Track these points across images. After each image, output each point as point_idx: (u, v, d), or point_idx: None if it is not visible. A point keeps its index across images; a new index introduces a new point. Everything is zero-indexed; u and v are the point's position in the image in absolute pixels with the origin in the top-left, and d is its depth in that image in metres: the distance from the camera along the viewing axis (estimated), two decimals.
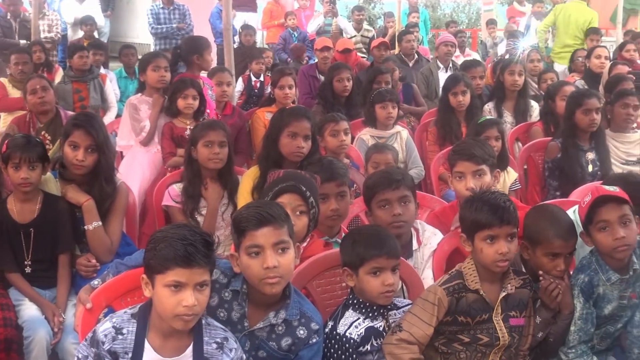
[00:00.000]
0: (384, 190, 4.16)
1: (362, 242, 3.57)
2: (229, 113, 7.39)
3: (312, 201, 3.88)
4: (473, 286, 3.58)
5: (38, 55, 10.04)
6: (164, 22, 12.63)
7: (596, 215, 3.70)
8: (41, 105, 6.39)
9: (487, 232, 3.55)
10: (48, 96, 6.44)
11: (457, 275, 3.64)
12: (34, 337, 4.16)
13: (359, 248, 3.55)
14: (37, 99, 6.40)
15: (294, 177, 3.99)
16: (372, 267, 3.50)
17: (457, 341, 3.62)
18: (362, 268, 3.52)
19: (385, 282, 3.49)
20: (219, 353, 3.10)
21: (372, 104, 6.99)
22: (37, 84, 6.45)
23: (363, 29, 14.37)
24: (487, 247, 3.54)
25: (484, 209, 3.57)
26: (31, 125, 6.39)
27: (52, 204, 4.51)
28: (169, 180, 5.38)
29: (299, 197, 3.84)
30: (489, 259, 3.54)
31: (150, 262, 2.99)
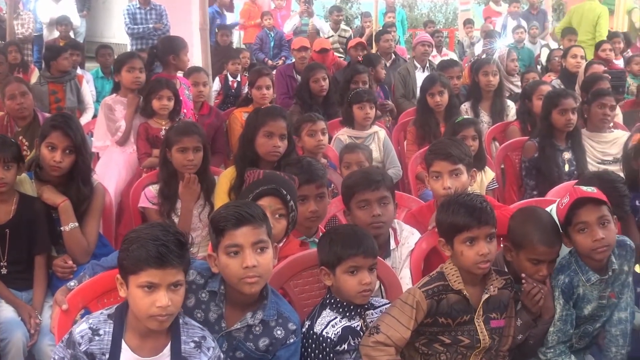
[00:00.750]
0: (363, 190, 4.16)
1: (339, 241, 3.57)
2: (205, 113, 7.39)
3: (292, 205, 3.87)
4: (456, 286, 3.57)
5: (13, 55, 10.02)
6: (140, 22, 12.58)
7: (575, 217, 3.71)
8: (19, 112, 6.33)
9: (466, 234, 3.53)
10: (27, 102, 6.37)
11: (439, 277, 3.63)
12: (11, 339, 4.14)
13: (335, 247, 3.55)
14: (16, 105, 6.33)
15: (274, 179, 3.98)
16: (349, 266, 3.51)
17: (438, 342, 3.62)
18: (339, 267, 3.52)
19: (362, 281, 3.49)
20: (197, 352, 3.10)
21: (349, 104, 6.99)
22: (16, 90, 6.36)
23: (340, 29, 14.39)
24: (467, 250, 3.53)
25: (461, 212, 3.56)
26: (9, 129, 6.32)
27: (28, 204, 4.49)
28: (145, 181, 5.36)
29: (279, 201, 3.83)
30: (470, 261, 3.53)
31: (124, 263, 2.99)
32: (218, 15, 14.91)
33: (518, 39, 13.84)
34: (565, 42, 11.77)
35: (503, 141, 7.01)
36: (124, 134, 6.38)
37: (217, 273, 3.32)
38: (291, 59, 12.73)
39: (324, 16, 16.02)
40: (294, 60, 10.49)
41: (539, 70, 11.32)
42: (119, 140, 6.39)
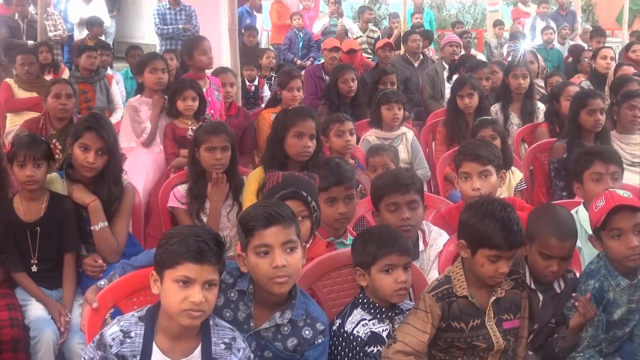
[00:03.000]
0: (393, 193, 4.15)
1: (373, 240, 3.57)
2: (233, 113, 7.41)
3: (314, 205, 3.87)
4: (460, 292, 3.54)
5: (44, 55, 10.06)
6: (170, 23, 12.64)
7: (610, 223, 3.67)
8: (61, 112, 6.34)
9: (494, 252, 3.46)
10: (70, 104, 6.39)
11: (446, 281, 3.60)
12: (41, 337, 4.16)
13: (370, 247, 3.55)
14: (59, 105, 6.34)
15: (293, 182, 3.98)
16: (385, 265, 3.50)
17: (454, 347, 3.59)
18: (374, 266, 3.52)
19: (397, 279, 3.49)
20: (227, 353, 3.11)
21: (377, 105, 6.99)
22: (63, 90, 6.37)
23: (368, 30, 14.39)
24: (489, 265, 3.48)
25: (496, 230, 3.46)
26: (44, 131, 6.33)
27: (58, 203, 4.52)
28: (174, 181, 5.38)
29: (301, 203, 3.83)
30: (487, 274, 3.51)
31: (162, 257, 3.00)
32: (248, 15, 14.95)
33: (547, 40, 13.77)
34: (594, 44, 11.70)
35: (532, 143, 6.98)
36: (149, 136, 6.41)
37: (246, 272, 3.33)
38: (319, 59, 12.75)
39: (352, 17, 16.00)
40: (323, 61, 10.50)
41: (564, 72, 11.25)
42: (145, 142, 6.41)
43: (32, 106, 8.15)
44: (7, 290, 4.44)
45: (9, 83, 8.62)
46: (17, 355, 4.13)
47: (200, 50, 7.06)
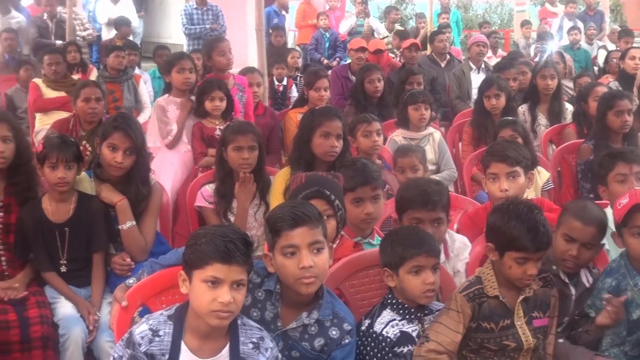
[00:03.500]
0: (419, 209, 4.06)
1: (401, 241, 3.57)
2: (260, 113, 7.44)
3: (338, 204, 3.87)
4: (492, 292, 3.53)
5: (73, 55, 10.12)
6: (197, 23, 12.68)
7: (631, 220, 3.68)
8: (90, 116, 6.31)
9: (521, 254, 3.45)
10: (99, 107, 6.37)
11: (476, 282, 3.59)
12: (69, 335, 4.19)
13: (398, 248, 3.55)
14: (89, 109, 6.30)
15: (317, 181, 3.99)
16: (413, 266, 3.50)
17: (485, 348, 3.58)
18: (402, 267, 3.51)
19: (426, 280, 3.48)
20: (255, 353, 3.11)
21: (404, 105, 6.97)
22: (92, 94, 6.33)
23: (395, 30, 14.36)
24: (517, 267, 3.46)
25: (523, 232, 3.45)
26: (74, 133, 6.35)
27: (87, 203, 4.55)
28: (201, 180, 5.40)
29: (324, 202, 3.82)
30: (516, 276, 3.49)
31: (190, 257, 3.02)
32: (276, 14, 14.97)
33: (573, 41, 13.68)
34: (622, 44, 11.62)
35: (560, 143, 6.94)
36: (174, 138, 6.41)
37: (273, 272, 3.33)
38: (346, 59, 12.75)
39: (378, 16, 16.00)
40: (350, 61, 10.50)
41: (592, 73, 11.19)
42: (169, 144, 6.40)
43: (61, 106, 8.21)
44: (36, 288, 4.48)
45: (37, 83, 8.66)
46: (46, 352, 4.16)
47: (218, 51, 7.07)
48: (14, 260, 4.52)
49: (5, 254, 4.52)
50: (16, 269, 4.52)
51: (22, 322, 4.19)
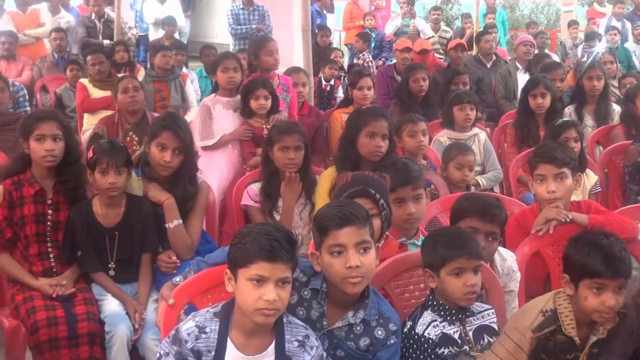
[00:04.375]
0: (477, 218, 4.01)
1: (443, 242, 3.54)
2: (306, 113, 7.44)
3: (383, 203, 3.85)
4: (569, 332, 3.40)
5: (121, 55, 10.25)
6: (243, 23, 12.73)
7: None
8: (131, 105, 6.46)
9: (596, 280, 3.32)
10: (139, 96, 6.52)
11: (552, 319, 3.43)
12: (115, 332, 4.23)
13: (440, 249, 3.52)
14: (128, 98, 6.48)
15: (362, 180, 3.98)
16: (454, 268, 3.47)
17: None
18: (444, 269, 3.49)
19: (467, 282, 3.45)
20: (301, 351, 3.13)
21: (450, 105, 6.95)
22: (129, 84, 6.53)
23: (440, 30, 14.35)
24: (593, 297, 3.33)
25: (597, 257, 3.33)
26: (120, 126, 6.46)
27: (136, 205, 4.60)
28: (247, 179, 5.43)
29: (369, 201, 3.81)
30: (592, 308, 3.34)
31: (235, 256, 3.04)
32: (318, 15, 15.00)
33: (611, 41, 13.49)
34: None
35: (607, 145, 6.87)
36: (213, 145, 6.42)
37: (320, 271, 3.34)
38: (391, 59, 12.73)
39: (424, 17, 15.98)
40: (395, 61, 10.49)
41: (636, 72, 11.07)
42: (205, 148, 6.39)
43: (107, 105, 8.25)
44: (84, 285, 4.54)
45: (84, 84, 8.74)
46: (93, 348, 4.21)
47: (266, 51, 7.06)
48: (62, 257, 4.58)
49: (54, 251, 4.58)
50: (64, 265, 4.58)
51: (69, 318, 4.23)
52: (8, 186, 4.51)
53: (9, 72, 10.39)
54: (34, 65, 11.04)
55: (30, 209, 4.51)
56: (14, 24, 12.04)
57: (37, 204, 4.53)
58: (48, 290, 4.37)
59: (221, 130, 6.44)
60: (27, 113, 7.84)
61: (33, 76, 10.80)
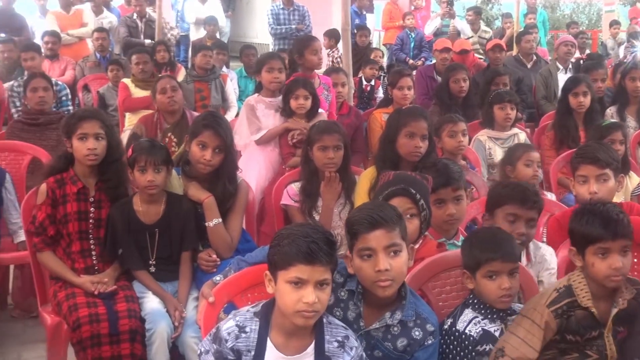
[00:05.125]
0: (517, 205, 4.06)
1: (478, 245, 3.55)
2: (345, 112, 7.44)
3: (423, 203, 3.84)
4: (585, 303, 3.41)
5: (162, 54, 10.30)
6: (283, 23, 12.78)
7: None
8: (170, 105, 6.50)
9: (599, 245, 3.36)
10: (177, 96, 6.55)
11: (567, 293, 3.46)
12: (156, 330, 4.26)
13: (475, 251, 3.53)
14: (167, 99, 6.51)
15: (404, 179, 3.98)
16: (488, 271, 3.48)
17: (566, 354, 3.50)
18: (479, 271, 3.50)
19: (501, 286, 3.45)
20: (340, 352, 3.13)
21: (490, 104, 6.94)
22: (167, 84, 6.56)
23: (480, 30, 14.29)
24: (599, 262, 3.37)
25: (595, 222, 3.39)
26: (158, 126, 6.50)
27: (176, 204, 4.63)
28: (287, 179, 5.43)
29: (409, 200, 3.82)
30: (602, 274, 3.37)
31: (274, 258, 3.05)
32: (357, 15, 14.99)
33: None
34: None
35: None
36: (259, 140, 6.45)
37: (353, 274, 3.34)
38: (431, 59, 12.70)
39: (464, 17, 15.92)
40: (435, 61, 10.47)
41: None
42: (258, 141, 6.45)
43: (149, 105, 8.31)
44: (125, 283, 4.57)
45: (126, 83, 8.84)
46: (134, 345, 4.24)
47: (311, 49, 7.06)
48: (104, 254, 4.62)
49: (96, 249, 4.62)
50: (106, 263, 4.62)
51: (111, 315, 4.27)
52: (51, 184, 4.56)
53: (52, 71, 10.51)
54: (76, 65, 11.16)
55: (73, 207, 4.56)
56: (58, 24, 12.19)
57: (80, 202, 4.58)
58: (90, 287, 4.41)
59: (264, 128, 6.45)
60: (69, 112, 7.96)
61: (75, 75, 10.91)
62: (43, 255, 4.59)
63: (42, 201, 4.56)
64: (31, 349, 5.40)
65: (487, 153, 6.76)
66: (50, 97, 7.04)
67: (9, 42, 10.48)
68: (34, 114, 6.92)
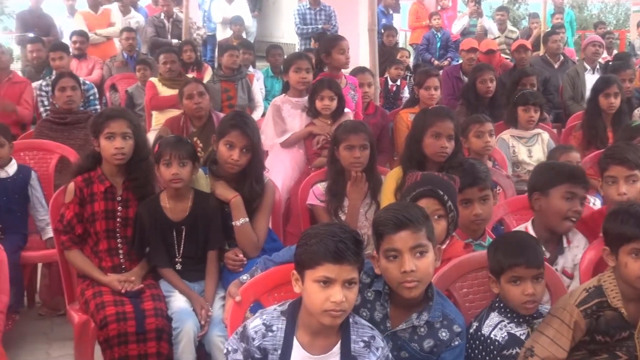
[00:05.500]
0: (573, 183, 4.18)
1: (502, 249, 3.54)
2: (371, 112, 7.44)
3: (450, 205, 3.84)
4: (615, 304, 3.40)
5: (189, 54, 10.33)
6: (310, 23, 12.78)
7: None
8: (197, 111, 6.48)
9: (633, 245, 3.36)
10: (204, 102, 6.52)
11: (597, 293, 3.45)
12: (182, 328, 4.27)
13: (499, 255, 3.52)
14: (194, 105, 6.49)
15: (431, 181, 3.96)
16: (512, 276, 3.46)
17: (596, 355, 3.48)
18: (503, 276, 3.49)
19: (525, 291, 3.44)
20: (366, 352, 3.13)
21: (514, 105, 6.94)
22: (194, 89, 6.53)
23: (507, 30, 14.23)
24: (632, 262, 3.36)
25: (630, 221, 3.39)
26: (184, 130, 6.51)
27: (203, 201, 4.64)
28: (313, 179, 5.44)
29: (437, 202, 3.81)
30: (634, 274, 3.36)
31: (301, 258, 3.05)
32: (383, 15, 14.99)
33: None
34: None
35: None
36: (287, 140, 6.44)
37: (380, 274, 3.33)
38: (457, 59, 12.67)
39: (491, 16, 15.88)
40: (461, 61, 10.44)
41: None
42: (283, 144, 6.47)
43: (175, 104, 8.31)
44: (152, 282, 4.60)
45: (153, 82, 8.86)
46: (160, 344, 4.26)
47: (338, 49, 7.07)
48: (131, 253, 4.66)
49: (123, 248, 4.66)
50: (133, 262, 4.65)
51: (138, 314, 4.29)
52: (79, 183, 4.60)
53: (79, 70, 10.57)
54: (104, 64, 11.22)
55: (101, 206, 4.60)
56: (86, 24, 12.27)
57: (107, 201, 4.62)
58: (117, 286, 4.44)
59: (289, 129, 6.46)
60: (97, 111, 8.00)
61: (103, 75, 10.97)
62: (71, 254, 4.63)
63: (70, 200, 4.60)
64: (58, 346, 5.46)
65: (511, 151, 6.78)
66: (78, 97, 7.08)
67: (37, 42, 10.54)
68: (62, 113, 6.97)
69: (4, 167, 5.68)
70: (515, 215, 4.92)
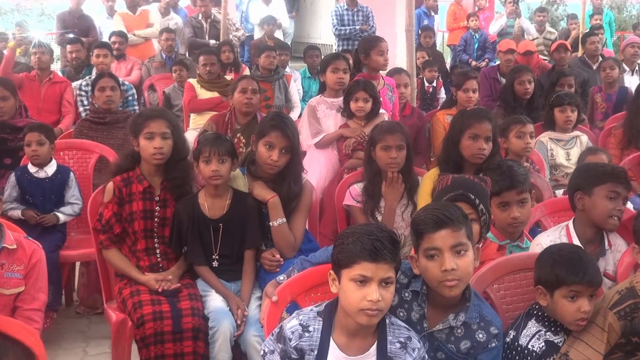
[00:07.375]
0: (617, 183, 4.17)
1: (563, 264, 3.43)
2: (408, 114, 7.44)
3: (482, 208, 3.82)
4: None
5: (227, 55, 10.35)
6: (347, 24, 12.77)
7: None
8: (246, 106, 6.48)
9: None
10: (255, 99, 6.54)
11: (629, 294, 3.42)
12: (219, 328, 4.29)
13: (559, 270, 3.43)
14: (245, 99, 6.48)
15: (462, 184, 3.96)
16: (570, 292, 3.39)
17: (633, 356, 3.43)
18: (559, 291, 3.41)
19: (581, 308, 3.37)
20: (403, 352, 3.12)
21: (551, 106, 6.92)
22: (249, 85, 6.53)
23: (545, 31, 14.13)
24: None
25: None
26: (229, 126, 6.52)
27: (241, 200, 4.66)
28: (350, 179, 5.44)
29: (469, 206, 3.78)
30: None
31: (338, 257, 3.05)
32: (425, 16, 14.97)
33: None
34: None
35: None
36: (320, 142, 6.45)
37: (419, 274, 3.33)
38: (495, 61, 12.61)
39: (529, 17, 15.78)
40: (499, 62, 10.39)
41: None
42: (316, 145, 6.47)
43: (214, 106, 8.40)
44: (189, 281, 4.63)
45: (192, 84, 8.91)
46: (197, 343, 4.28)
47: (377, 50, 7.07)
48: (168, 253, 4.69)
49: (160, 247, 4.70)
50: (170, 261, 4.69)
51: (174, 313, 4.31)
52: (118, 183, 4.65)
53: (118, 71, 10.64)
54: (142, 65, 11.29)
55: (139, 205, 4.64)
56: (124, 25, 12.36)
57: (146, 201, 4.66)
58: (154, 285, 4.48)
59: (324, 129, 6.48)
60: (135, 112, 8.07)
61: (142, 75, 11.04)
62: (109, 253, 4.67)
63: (108, 199, 4.64)
64: (96, 345, 5.51)
65: (549, 154, 6.74)
66: (118, 97, 7.13)
67: (77, 42, 10.62)
68: (101, 113, 7.01)
69: (44, 166, 5.74)
70: (553, 217, 4.89)
